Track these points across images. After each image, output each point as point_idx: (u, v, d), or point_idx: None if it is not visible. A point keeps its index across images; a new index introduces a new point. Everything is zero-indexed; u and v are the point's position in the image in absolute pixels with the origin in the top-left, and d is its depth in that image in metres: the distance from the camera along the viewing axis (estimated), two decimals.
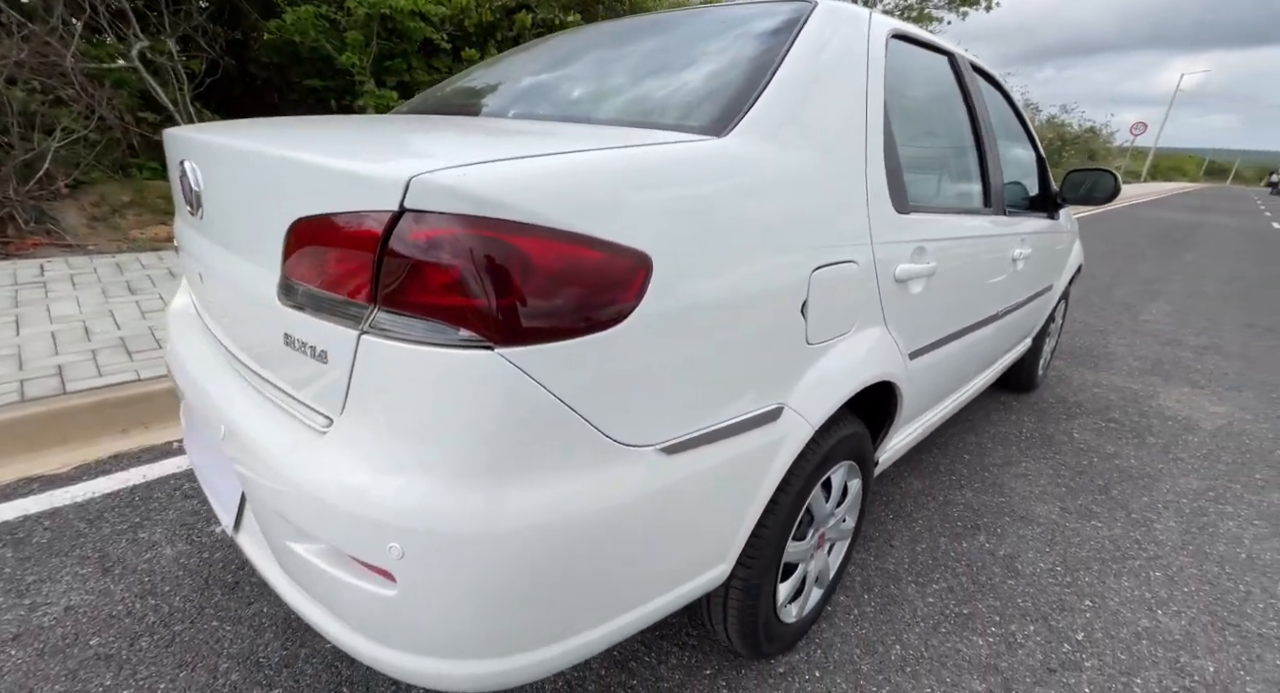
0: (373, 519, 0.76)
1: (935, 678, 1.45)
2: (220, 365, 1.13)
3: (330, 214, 0.75)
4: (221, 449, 1.01)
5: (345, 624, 0.88)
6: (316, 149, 0.82)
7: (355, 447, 0.79)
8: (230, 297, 1.03)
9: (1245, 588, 1.84)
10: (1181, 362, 4.01)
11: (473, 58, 6.12)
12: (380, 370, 0.75)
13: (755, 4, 1.38)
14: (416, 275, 0.70)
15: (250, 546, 1.04)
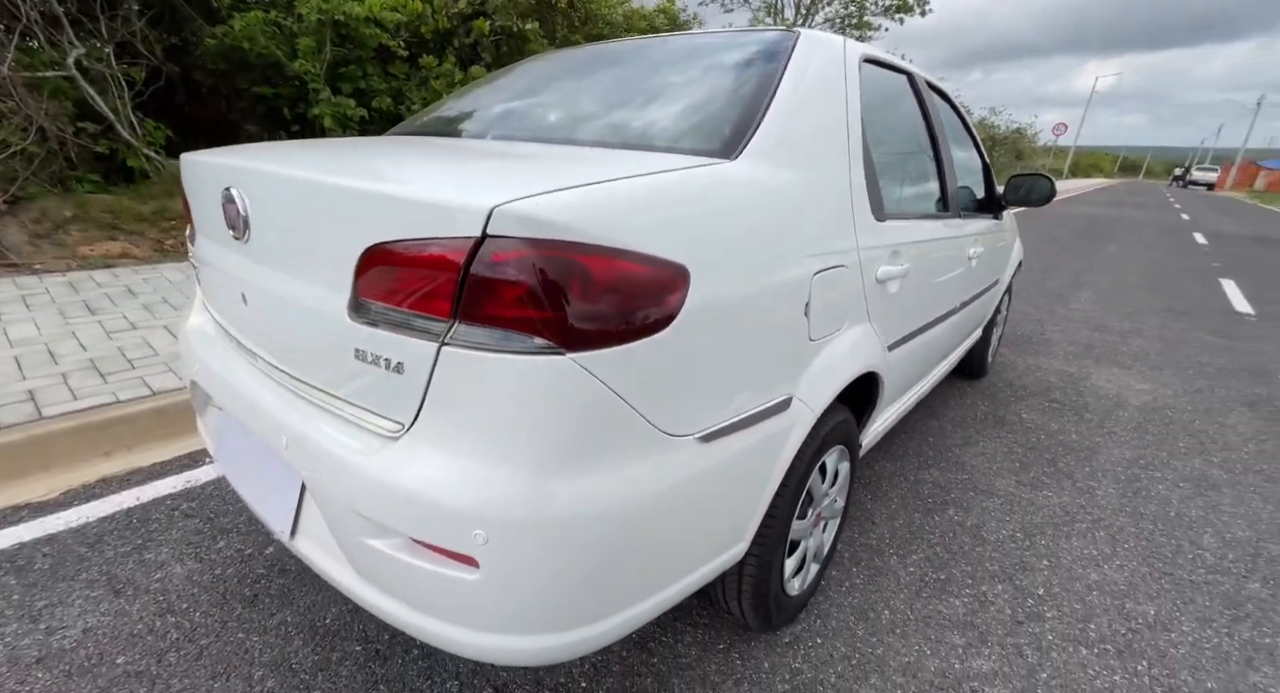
0: (459, 510, 0.84)
1: (921, 637, 1.62)
2: (262, 380, 1.18)
3: (410, 240, 0.84)
4: (284, 458, 1.07)
5: (422, 612, 0.95)
6: (389, 180, 0.90)
7: (435, 447, 0.88)
8: (283, 315, 1.08)
9: (1175, 542, 2.10)
10: (1109, 345, 4.40)
11: (430, 65, 6.10)
12: (461, 377, 0.84)
13: (742, 32, 1.52)
14: (496, 292, 0.79)
15: (310, 548, 1.10)
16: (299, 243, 1.02)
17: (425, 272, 0.84)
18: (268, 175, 1.06)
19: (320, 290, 0.98)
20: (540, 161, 1.13)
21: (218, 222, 1.19)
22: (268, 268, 1.09)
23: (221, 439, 1.33)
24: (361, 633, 1.54)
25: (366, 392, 0.96)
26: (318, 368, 1.05)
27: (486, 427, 0.85)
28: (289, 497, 1.11)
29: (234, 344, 1.30)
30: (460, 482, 0.85)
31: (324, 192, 0.96)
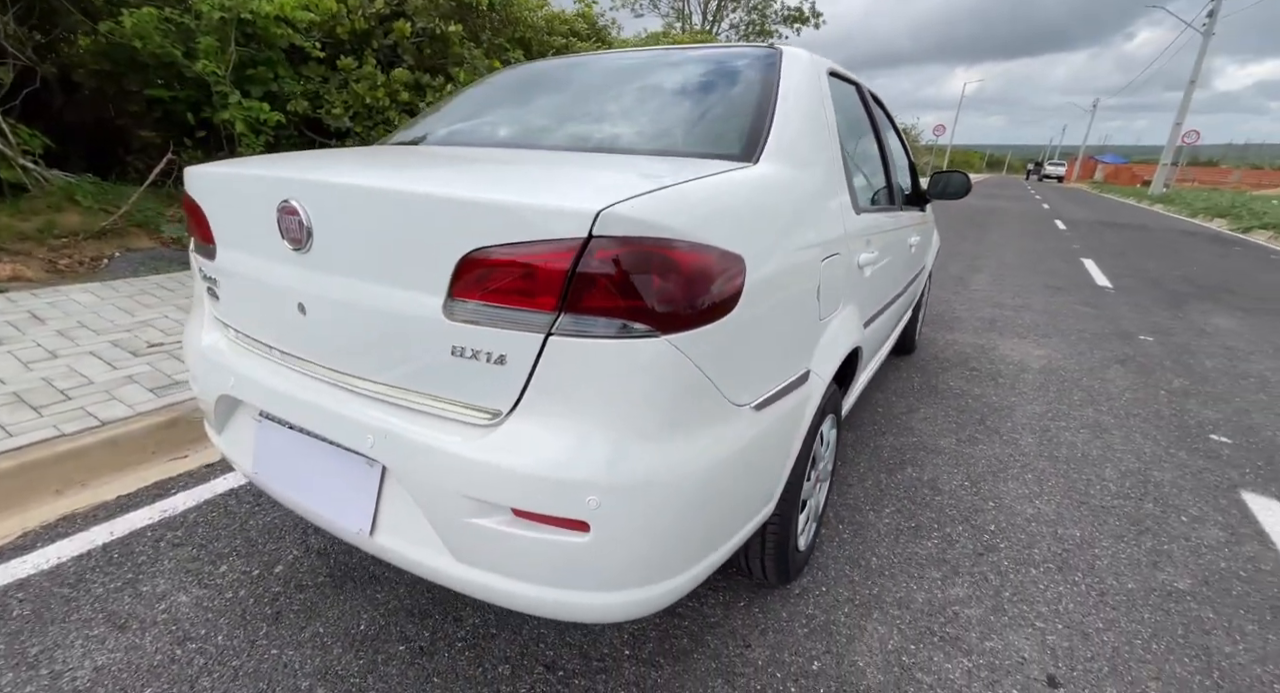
0: (573, 481, 0.94)
1: (906, 575, 1.86)
2: (323, 386, 1.20)
3: (515, 243, 0.92)
4: (370, 456, 1.11)
5: (526, 581, 1.03)
6: (487, 189, 0.97)
7: (540, 427, 0.97)
8: (356, 321, 1.11)
9: (1086, 477, 2.50)
10: (1007, 319, 5.01)
11: (349, 67, 5.86)
12: (566, 363, 0.94)
13: (731, 48, 1.69)
14: (600, 286, 0.90)
15: (393, 542, 1.14)
16: (382, 251, 1.06)
17: (532, 271, 0.92)
18: (340, 188, 1.09)
19: (409, 294, 1.03)
20: (605, 168, 1.24)
21: (264, 234, 1.19)
22: (337, 276, 1.12)
23: (264, 451, 1.32)
24: (400, 633, 1.56)
25: (461, 385, 1.03)
26: (400, 368, 1.09)
27: (593, 405, 0.95)
28: (365, 496, 1.15)
29: (274, 355, 1.30)
30: (572, 455, 0.95)
31: (419, 202, 1.01)
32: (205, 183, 1.37)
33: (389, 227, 1.04)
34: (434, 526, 1.07)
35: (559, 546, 0.99)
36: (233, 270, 1.32)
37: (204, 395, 1.45)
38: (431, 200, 1.00)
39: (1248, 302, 6.24)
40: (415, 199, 1.01)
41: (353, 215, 1.07)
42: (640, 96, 1.69)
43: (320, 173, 1.15)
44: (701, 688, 1.45)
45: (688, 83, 1.67)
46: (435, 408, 1.07)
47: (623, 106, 1.67)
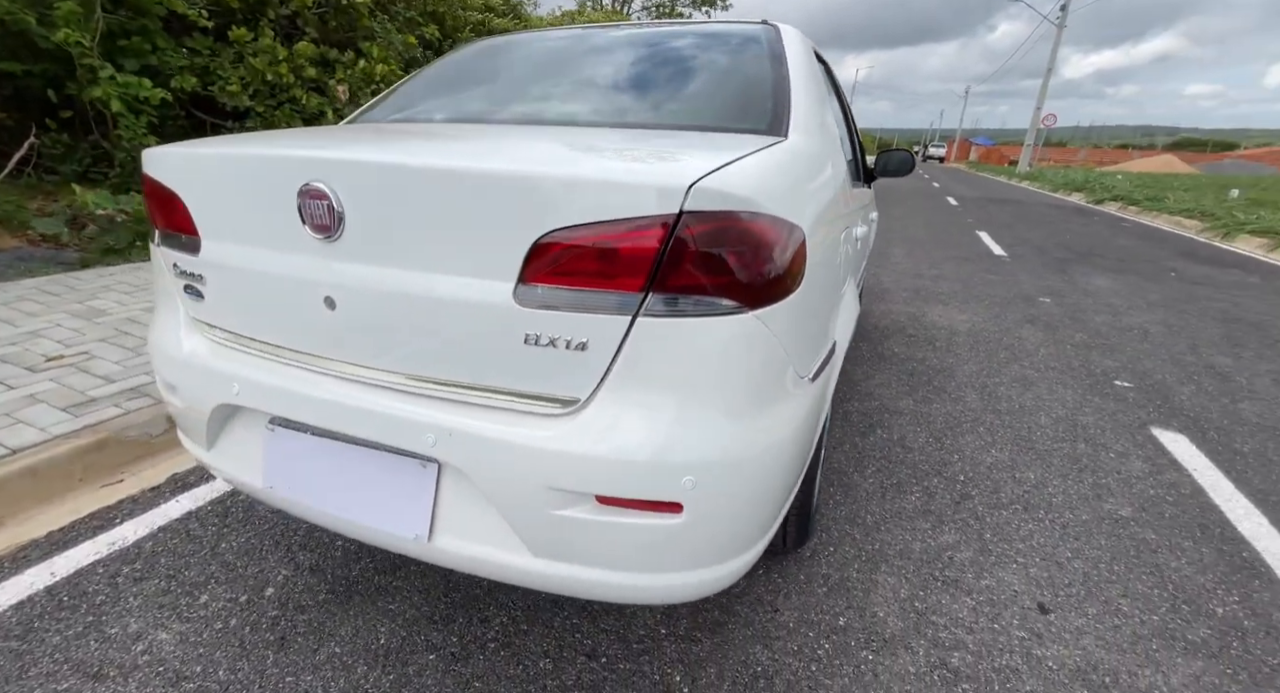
0: (668, 462, 0.92)
1: (900, 528, 1.99)
2: (360, 387, 1.09)
3: (599, 222, 0.87)
4: (432, 456, 1.03)
5: (608, 568, 1.01)
6: (562, 165, 0.91)
7: (626, 411, 0.93)
8: (403, 313, 1.01)
9: (1027, 426, 2.78)
10: (929, 288, 5.42)
11: (243, 38, 5.28)
12: (654, 344, 0.91)
13: (732, 23, 1.68)
14: (690, 263, 0.87)
15: (455, 544, 1.06)
16: (435, 236, 0.97)
17: (617, 251, 0.88)
18: (383, 168, 0.98)
19: (472, 282, 0.95)
20: (659, 143, 1.19)
21: (277, 221, 1.05)
22: (375, 266, 1.01)
23: (279, 462, 1.19)
24: (426, 642, 1.48)
25: (535, 375, 0.97)
26: (461, 361, 1.01)
27: (684, 385, 0.93)
28: (421, 499, 1.06)
29: (287, 356, 1.16)
30: (665, 437, 0.93)
31: (486, 181, 0.93)
32: (179, 165, 1.19)
33: (447, 209, 0.95)
34: (510, 521, 1.01)
35: (649, 529, 0.97)
36: (227, 264, 1.16)
37: (193, 407, 1.27)
38: (502, 179, 0.92)
39: (1114, 264, 7.10)
40: (482, 178, 0.93)
41: (398, 198, 0.97)
42: (655, 72, 1.65)
43: (353, 151, 1.04)
44: (742, 655, 1.48)
45: (699, 58, 1.65)
46: (502, 401, 1.01)
47: (642, 82, 1.62)
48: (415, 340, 1.03)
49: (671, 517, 0.96)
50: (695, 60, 1.65)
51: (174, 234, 1.24)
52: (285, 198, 1.03)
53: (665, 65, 1.67)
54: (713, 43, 1.67)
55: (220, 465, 1.31)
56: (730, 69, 1.57)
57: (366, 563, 1.75)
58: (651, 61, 1.70)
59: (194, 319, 1.29)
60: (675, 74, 1.63)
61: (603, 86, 1.64)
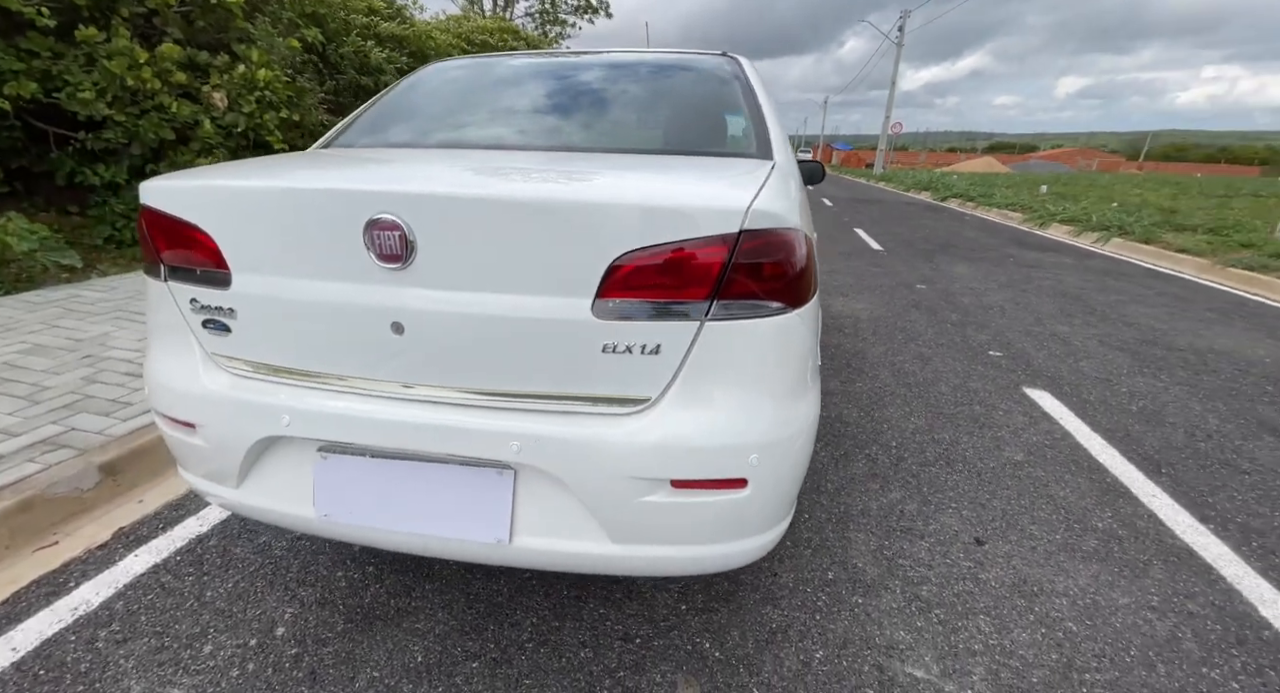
0: (736, 444, 1.07)
1: (855, 490, 2.29)
2: (427, 407, 1.14)
3: (671, 241, 1.01)
4: (520, 461, 1.10)
5: (683, 544, 1.14)
6: (633, 193, 1.03)
7: (696, 403, 1.07)
8: (475, 334, 1.08)
9: (934, 394, 3.24)
10: (827, 282, 5.99)
11: (92, 39, 4.67)
12: (717, 344, 1.06)
13: (692, 54, 1.85)
14: (747, 273, 1.04)
15: (536, 542, 1.14)
16: (512, 261, 1.04)
17: (687, 265, 1.02)
18: (458, 200, 1.04)
19: (552, 301, 1.05)
20: (691, 169, 1.34)
21: (335, 252, 1.08)
22: (448, 291, 1.07)
23: (334, 488, 1.18)
24: (465, 652, 1.52)
25: (611, 378, 1.08)
26: (539, 373, 1.09)
27: (744, 377, 1.09)
28: (499, 505, 1.13)
29: (335, 383, 1.17)
30: (731, 422, 1.08)
31: (565, 209, 1.02)
32: (200, 199, 1.16)
33: (525, 235, 1.03)
34: (594, 513, 1.11)
35: (718, 505, 1.12)
36: (267, 297, 1.15)
37: (227, 444, 1.23)
38: (582, 207, 1.03)
39: (967, 252, 8.24)
40: (562, 207, 1.03)
41: (475, 227, 1.04)
42: (647, 100, 1.79)
43: (423, 184, 1.09)
44: (756, 616, 1.67)
45: (684, 87, 1.81)
46: (579, 406, 1.11)
47: (638, 110, 1.75)
48: (489, 358, 1.10)
49: (738, 491, 1.12)
50: (681, 89, 1.82)
51: (190, 269, 1.20)
52: (347, 230, 1.06)
53: (654, 94, 1.82)
54: (691, 73, 1.84)
55: (252, 502, 1.28)
56: (713, 98, 1.75)
57: (376, 589, 1.73)
58: (639, 90, 1.84)
59: (213, 355, 1.25)
60: (665, 102, 1.79)
61: (602, 113, 1.76)
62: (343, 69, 7.49)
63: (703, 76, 1.85)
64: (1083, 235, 10.26)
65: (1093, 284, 6.42)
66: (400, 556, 1.86)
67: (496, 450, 1.11)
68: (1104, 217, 11.09)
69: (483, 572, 1.80)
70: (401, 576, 1.78)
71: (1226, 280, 7.02)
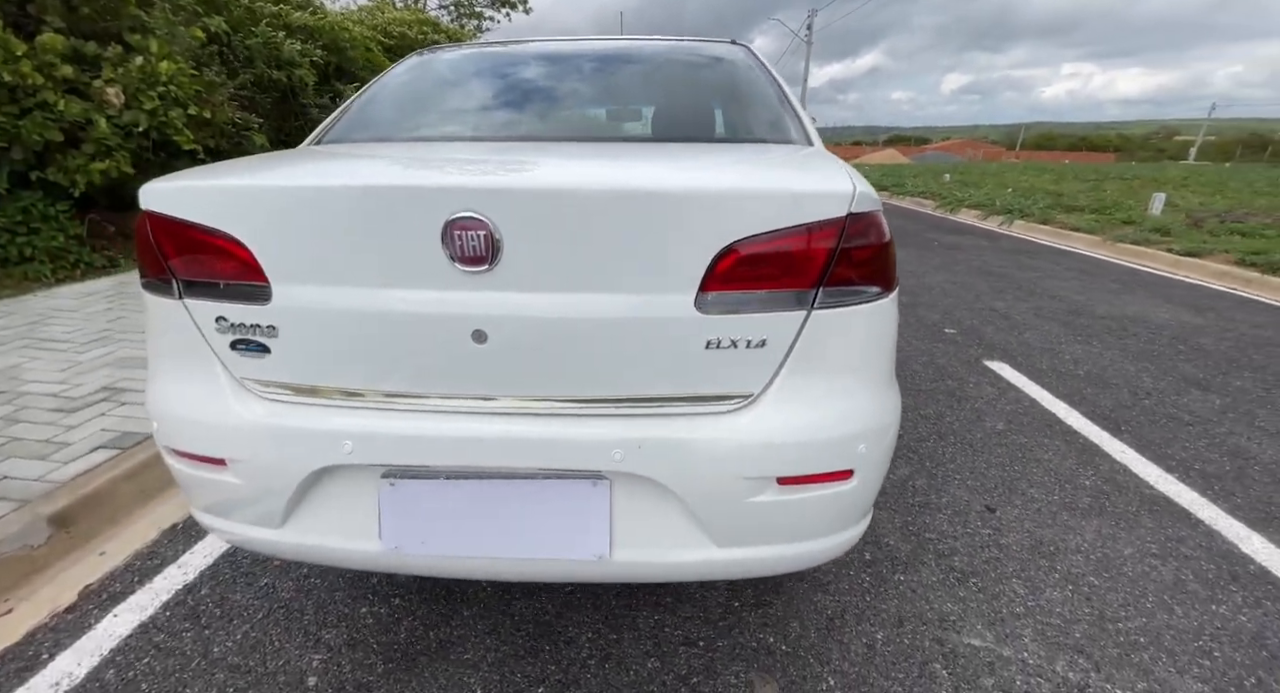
0: (846, 435, 1.05)
1: None
2: (511, 419, 1.04)
3: (781, 229, 0.96)
4: (623, 470, 1.03)
5: (786, 542, 1.11)
6: (744, 180, 0.97)
7: (802, 396, 1.04)
8: (568, 338, 0.99)
9: (910, 371, 3.38)
10: None
11: None
12: (822, 334, 1.02)
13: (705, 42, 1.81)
14: (852, 259, 1.01)
15: (636, 554, 1.06)
16: (610, 257, 0.97)
17: (795, 254, 0.98)
18: (556, 192, 0.95)
19: (653, 297, 0.98)
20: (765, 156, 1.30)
21: (404, 257, 0.97)
22: (539, 293, 0.98)
23: (404, 516, 1.05)
24: (527, 677, 1.43)
25: (714, 376, 1.02)
26: (639, 374, 1.02)
27: (848, 365, 1.06)
28: (597, 518, 1.05)
29: (397, 402, 1.05)
30: (839, 413, 1.06)
31: (671, 200, 0.96)
32: (228, 201, 1.00)
33: (624, 230, 0.96)
34: (700, 518, 1.06)
35: (825, 498, 1.09)
36: (321, 310, 1.00)
37: (278, 481, 1.07)
38: (688, 196, 0.96)
39: (900, 238, 8.44)
40: (666, 197, 0.96)
41: (569, 223, 0.95)
42: (678, 88, 1.72)
43: (512, 178, 0.99)
44: (810, 604, 1.68)
45: (713, 75, 1.75)
46: (679, 407, 1.05)
47: (671, 98, 1.68)
48: (581, 363, 1.02)
49: (844, 483, 1.10)
50: (715, 77, 1.77)
51: (214, 282, 1.03)
52: (423, 231, 0.95)
53: (691, 83, 1.76)
54: (719, 62, 1.80)
55: (299, 542, 1.12)
56: (745, 85, 1.70)
57: (410, 622, 1.59)
58: (674, 78, 1.77)
59: (244, 380, 1.08)
60: (704, 91, 1.73)
61: (641, 103, 1.68)
62: (252, 62, 6.88)
63: (729, 65, 1.81)
64: (989, 219, 11.11)
65: (1011, 263, 6.96)
66: (426, 582, 1.72)
67: (595, 460, 1.03)
68: (1005, 201, 12.08)
69: (522, 590, 1.70)
70: (433, 604, 1.65)
71: (1117, 254, 7.81)
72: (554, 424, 1.05)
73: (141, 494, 2.04)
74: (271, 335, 1.04)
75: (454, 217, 0.94)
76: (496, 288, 0.98)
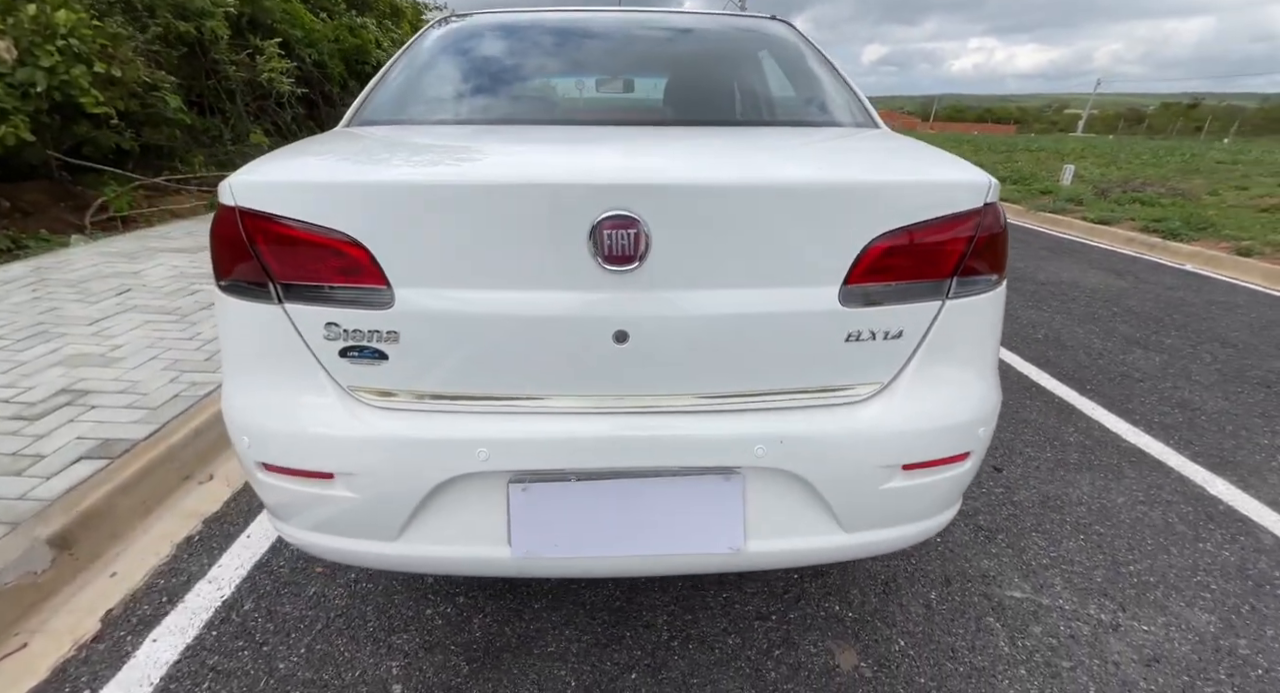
0: (969, 419, 1.10)
1: None
2: (639, 418, 1.02)
3: (928, 220, 0.97)
4: (763, 463, 1.03)
5: (906, 523, 1.16)
6: (895, 171, 0.97)
7: (929, 384, 1.07)
8: (709, 336, 0.98)
9: None
10: None
11: None
12: (953, 322, 1.05)
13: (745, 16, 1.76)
14: (983, 248, 1.03)
15: (768, 544, 1.08)
16: (757, 252, 0.95)
17: (937, 244, 1.00)
18: (711, 188, 0.92)
19: (795, 291, 0.98)
20: (868, 141, 1.30)
21: (543, 258, 0.92)
22: (683, 290, 0.96)
23: (540, 520, 1.01)
24: (615, 665, 1.44)
25: (850, 368, 1.04)
26: (779, 369, 1.03)
27: (970, 352, 1.10)
28: (731, 512, 1.06)
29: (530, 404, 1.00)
30: (964, 399, 1.10)
31: (825, 193, 0.94)
32: (346, 199, 0.91)
33: (773, 224, 0.94)
34: (833, 506, 1.08)
35: (944, 481, 1.14)
36: (450, 314, 0.94)
37: (400, 493, 0.99)
38: (844, 189, 0.96)
39: None
40: (823, 191, 0.95)
41: (718, 219, 0.93)
42: (744, 69, 1.65)
43: (666, 173, 0.95)
44: (864, 571, 1.76)
45: (773, 55, 1.70)
46: (812, 399, 1.06)
47: (740, 80, 1.62)
48: (721, 360, 1.01)
49: (961, 465, 1.15)
50: (776, 58, 1.72)
51: (321, 286, 0.94)
52: (569, 230, 0.90)
53: (754, 63, 1.70)
54: (775, 41, 1.74)
55: (417, 553, 1.06)
56: (803, 64, 1.67)
57: (482, 620, 1.56)
58: (737, 58, 1.71)
59: (353, 389, 0.99)
60: (767, 71, 1.68)
61: (709, 85, 1.61)
62: (156, 12, 6.09)
63: (780, 42, 1.76)
64: None
65: None
66: (484, 578, 1.68)
67: (734, 456, 1.04)
68: None
69: (585, 580, 1.69)
70: (500, 600, 1.62)
71: (1040, 223, 8.44)
72: (690, 422, 1.04)
73: (142, 508, 1.86)
74: (391, 342, 0.96)
75: (605, 215, 0.89)
76: (642, 287, 0.95)
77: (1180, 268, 5.91)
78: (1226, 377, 3.23)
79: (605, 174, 0.94)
